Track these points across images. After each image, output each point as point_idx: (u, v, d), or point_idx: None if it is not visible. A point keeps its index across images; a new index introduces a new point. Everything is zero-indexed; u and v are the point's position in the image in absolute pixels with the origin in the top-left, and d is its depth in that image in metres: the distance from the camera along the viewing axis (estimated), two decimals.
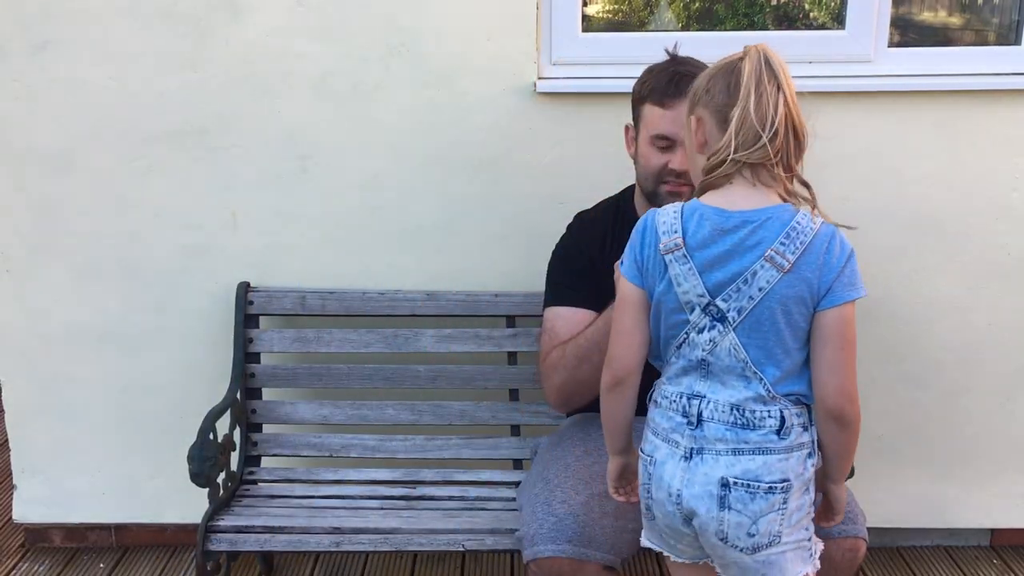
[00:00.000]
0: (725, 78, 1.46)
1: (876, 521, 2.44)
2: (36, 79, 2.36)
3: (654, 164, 1.91)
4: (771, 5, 3.01)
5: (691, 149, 1.57)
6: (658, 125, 1.89)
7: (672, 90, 1.87)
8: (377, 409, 2.44)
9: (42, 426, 2.59)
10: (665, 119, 1.88)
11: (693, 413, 1.48)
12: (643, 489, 1.57)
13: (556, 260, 2.11)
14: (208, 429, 2.14)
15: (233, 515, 2.17)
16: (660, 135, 1.89)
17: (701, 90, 1.51)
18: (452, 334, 2.42)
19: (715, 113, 1.47)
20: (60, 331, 2.52)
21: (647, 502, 1.57)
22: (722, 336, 1.46)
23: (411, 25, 2.32)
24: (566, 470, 1.93)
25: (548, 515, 1.82)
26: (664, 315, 1.51)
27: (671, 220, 1.48)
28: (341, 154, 2.41)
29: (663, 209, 1.52)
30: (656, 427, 1.54)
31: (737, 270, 1.43)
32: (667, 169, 1.90)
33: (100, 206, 2.44)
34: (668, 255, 1.46)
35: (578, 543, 1.78)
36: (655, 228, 1.50)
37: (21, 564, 2.67)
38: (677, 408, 1.51)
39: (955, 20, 2.97)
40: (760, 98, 1.41)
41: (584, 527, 1.79)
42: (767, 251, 1.41)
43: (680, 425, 1.50)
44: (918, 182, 2.41)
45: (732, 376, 1.47)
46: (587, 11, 2.61)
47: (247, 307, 2.43)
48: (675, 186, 1.91)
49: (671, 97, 1.87)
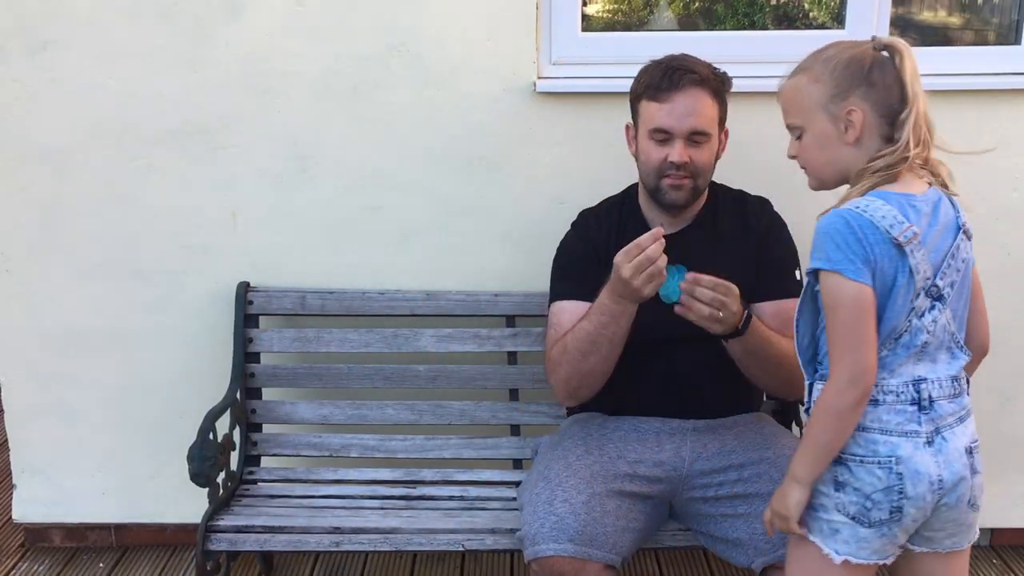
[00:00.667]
0: (884, 74, 1.49)
1: None
2: (36, 79, 2.36)
3: (654, 158, 1.94)
4: (771, 5, 3.01)
5: (830, 139, 1.54)
6: (655, 119, 1.92)
7: (666, 84, 1.90)
8: (377, 409, 2.44)
9: (42, 426, 2.59)
10: (662, 112, 1.91)
11: (925, 397, 1.51)
12: (885, 494, 1.50)
13: (561, 256, 2.12)
14: (208, 429, 2.14)
15: (233, 515, 2.17)
16: (657, 128, 1.92)
17: (853, 79, 1.50)
18: (452, 334, 2.42)
19: (880, 109, 1.50)
20: (60, 331, 2.52)
21: (898, 504, 1.50)
22: (940, 314, 1.51)
23: (411, 25, 2.33)
24: (567, 469, 1.93)
25: (549, 514, 1.82)
26: (898, 307, 1.49)
27: (890, 212, 1.46)
28: (341, 154, 2.41)
29: (866, 205, 1.47)
30: (885, 425, 1.50)
31: (946, 247, 1.51)
32: (667, 163, 1.92)
33: (100, 206, 2.45)
34: (908, 245, 1.46)
35: (579, 542, 1.77)
36: (872, 224, 1.45)
37: (21, 564, 2.67)
38: (906, 398, 1.51)
39: (955, 20, 2.97)
40: (921, 98, 1.48)
41: (585, 526, 1.79)
42: (961, 224, 1.53)
43: (914, 414, 1.50)
44: None
45: (942, 351, 1.54)
46: (587, 11, 2.62)
47: (247, 307, 2.43)
48: (676, 179, 1.94)
49: (665, 91, 1.90)
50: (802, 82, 1.56)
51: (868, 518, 1.51)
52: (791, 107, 1.59)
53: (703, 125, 1.93)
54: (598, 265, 1.98)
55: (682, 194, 1.97)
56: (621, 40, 2.45)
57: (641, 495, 1.95)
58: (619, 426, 2.05)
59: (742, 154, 2.37)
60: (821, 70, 1.53)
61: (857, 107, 1.50)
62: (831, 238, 1.47)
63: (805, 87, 1.55)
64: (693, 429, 2.01)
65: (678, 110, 1.91)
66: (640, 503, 1.94)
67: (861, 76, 1.50)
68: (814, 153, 1.58)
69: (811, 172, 1.62)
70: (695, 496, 1.96)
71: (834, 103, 1.52)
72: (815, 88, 1.54)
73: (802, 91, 1.56)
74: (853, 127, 1.51)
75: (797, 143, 1.61)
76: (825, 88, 1.52)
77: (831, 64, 1.52)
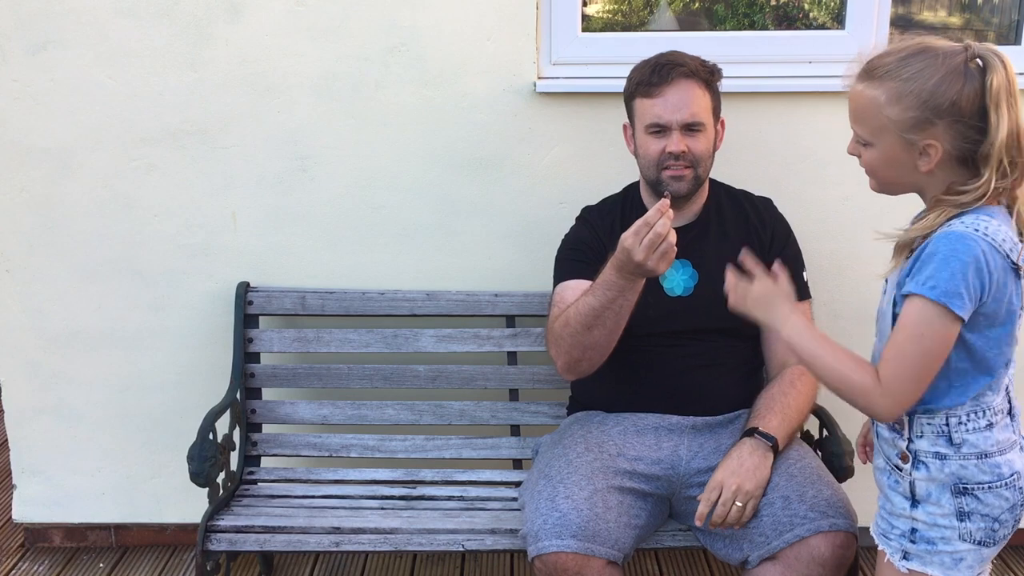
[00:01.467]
0: (972, 99, 1.36)
1: None
2: (36, 79, 2.36)
3: (652, 151, 1.98)
4: (771, 5, 3.01)
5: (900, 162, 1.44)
6: (649, 114, 1.97)
7: (656, 79, 1.95)
8: (377, 409, 2.44)
9: (42, 426, 2.59)
10: (655, 107, 1.96)
11: (1014, 405, 1.51)
12: (1011, 511, 1.48)
13: (566, 243, 2.16)
14: (208, 429, 2.14)
15: (233, 515, 2.17)
16: (652, 124, 1.96)
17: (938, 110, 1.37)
18: (452, 334, 2.42)
19: (962, 140, 1.38)
20: (60, 331, 2.52)
21: (1019, 515, 1.50)
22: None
23: (411, 25, 2.33)
24: (569, 466, 1.93)
25: (552, 510, 1.82)
26: (1015, 330, 1.46)
27: (1008, 234, 1.39)
28: (341, 154, 2.41)
29: (985, 227, 1.37)
30: (1001, 446, 1.47)
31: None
32: (665, 154, 1.96)
33: (100, 206, 2.45)
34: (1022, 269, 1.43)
35: (583, 538, 1.77)
36: (994, 248, 1.37)
37: (21, 564, 2.67)
38: (1005, 411, 1.50)
39: (955, 20, 2.97)
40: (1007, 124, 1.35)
41: (588, 522, 1.79)
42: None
43: (1009, 423, 1.50)
44: None
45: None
46: (587, 11, 2.62)
47: (247, 307, 2.43)
48: (676, 170, 1.98)
49: (656, 86, 1.95)
50: (879, 98, 1.40)
51: (994, 538, 1.49)
52: (860, 116, 1.45)
53: (696, 115, 1.96)
54: (603, 253, 1.99)
55: (683, 184, 2.00)
56: (621, 40, 2.45)
57: (641, 492, 1.95)
58: (618, 423, 2.05)
59: (743, 154, 2.38)
60: (903, 91, 1.38)
61: (937, 141, 1.38)
62: (948, 264, 1.35)
63: (882, 105, 1.40)
64: (692, 427, 2.02)
65: (671, 103, 1.95)
66: (640, 500, 1.95)
67: (948, 105, 1.36)
68: (879, 168, 1.48)
69: (874, 180, 1.52)
70: (693, 495, 1.97)
71: (913, 132, 1.39)
72: (893, 110, 1.39)
73: (875, 107, 1.41)
74: (928, 159, 1.40)
75: (860, 148, 1.48)
76: (905, 114, 1.38)
77: (916, 87, 1.37)
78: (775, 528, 1.80)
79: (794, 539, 1.77)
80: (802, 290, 2.07)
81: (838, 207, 2.43)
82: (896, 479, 1.54)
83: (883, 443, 1.57)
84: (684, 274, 2.05)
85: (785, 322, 1.53)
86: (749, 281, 1.58)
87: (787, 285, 1.57)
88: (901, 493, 1.53)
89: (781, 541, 1.79)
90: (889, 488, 1.56)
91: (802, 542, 1.77)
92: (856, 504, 1.89)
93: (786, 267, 2.02)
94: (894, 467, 1.54)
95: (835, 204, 2.43)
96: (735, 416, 2.05)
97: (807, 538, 1.77)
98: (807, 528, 1.78)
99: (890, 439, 1.54)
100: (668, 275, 2.03)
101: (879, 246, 2.43)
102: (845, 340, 2.43)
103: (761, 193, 2.20)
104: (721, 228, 2.09)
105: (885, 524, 1.56)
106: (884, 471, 1.57)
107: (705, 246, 2.06)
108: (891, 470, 1.55)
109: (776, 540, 1.79)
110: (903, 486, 1.52)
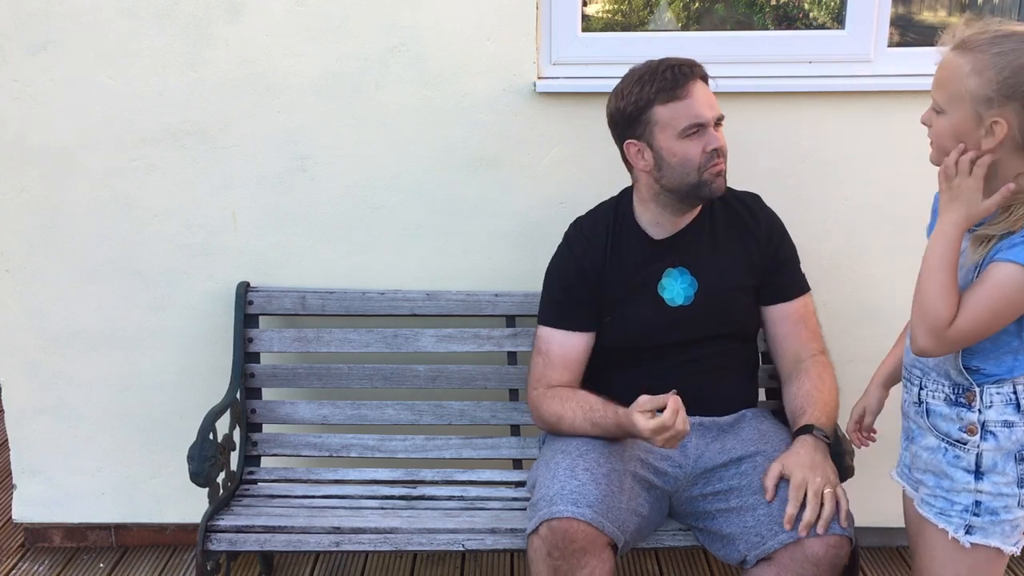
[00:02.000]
0: None
1: (876, 521, 2.45)
2: (36, 79, 2.36)
3: (695, 154, 1.93)
4: (771, 5, 3.01)
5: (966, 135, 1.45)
6: (685, 116, 1.91)
7: (681, 80, 1.91)
8: (377, 409, 2.44)
9: (42, 426, 2.59)
10: (691, 108, 1.91)
11: None
12: None
13: (553, 273, 2.12)
14: (208, 429, 2.14)
15: (233, 515, 2.17)
16: (692, 124, 1.91)
17: (1015, 90, 1.40)
18: (452, 334, 2.42)
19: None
20: (60, 331, 2.52)
21: None
22: None
23: (411, 25, 2.33)
24: (587, 443, 1.94)
25: (571, 479, 1.81)
26: None
27: None
28: (341, 154, 2.41)
29: None
30: None
31: None
32: (710, 152, 1.93)
33: (100, 206, 2.45)
34: None
35: (599, 511, 1.76)
36: None
37: (21, 564, 2.67)
38: None
39: (955, 20, 2.96)
40: None
41: (606, 496, 1.79)
42: None
43: None
44: (918, 182, 2.40)
45: None
46: (587, 11, 2.62)
47: (247, 307, 2.43)
48: (716, 166, 1.95)
49: (682, 87, 1.91)
50: (963, 67, 1.43)
51: None
52: (942, 83, 1.48)
53: (719, 109, 1.97)
54: (590, 287, 2.03)
55: (723, 180, 1.98)
56: (621, 40, 2.45)
57: (649, 484, 1.96)
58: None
59: (742, 154, 2.37)
60: (988, 64, 1.41)
61: (1005, 119, 1.41)
62: None
63: (964, 74, 1.43)
64: (699, 425, 2.02)
65: (702, 100, 1.93)
66: (646, 492, 1.95)
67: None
68: (946, 139, 1.49)
69: (938, 152, 1.52)
70: (694, 494, 1.97)
71: (985, 106, 1.42)
72: (973, 81, 1.42)
73: (958, 75, 1.44)
74: (992, 136, 1.43)
75: (933, 116, 1.51)
76: (983, 86, 1.41)
77: (1001, 63, 1.40)
78: (771, 528, 1.80)
79: (788, 539, 1.77)
80: (801, 283, 2.12)
81: (838, 207, 2.43)
82: (956, 454, 1.55)
83: (939, 420, 1.58)
84: (683, 283, 2.04)
85: (953, 226, 1.49)
86: None
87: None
88: (963, 468, 1.54)
89: (776, 542, 1.79)
90: (948, 465, 1.56)
91: (797, 543, 1.77)
92: (856, 503, 1.89)
93: (787, 263, 2.04)
94: (954, 442, 1.55)
95: (835, 204, 2.43)
96: (740, 416, 2.06)
97: (802, 539, 1.77)
98: None
99: (952, 414, 1.55)
100: (667, 285, 2.03)
101: (879, 246, 2.44)
102: (845, 340, 2.45)
103: (761, 194, 2.20)
104: (714, 231, 2.08)
105: (943, 502, 1.58)
106: (937, 450, 1.58)
107: (701, 251, 2.06)
108: (948, 446, 1.56)
109: (771, 540, 1.79)
110: (966, 460, 1.54)
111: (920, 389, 1.62)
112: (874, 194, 2.42)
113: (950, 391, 1.57)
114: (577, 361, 2.07)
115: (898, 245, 2.44)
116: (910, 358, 1.66)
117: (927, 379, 1.61)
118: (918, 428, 1.64)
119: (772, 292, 2.09)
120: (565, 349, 2.04)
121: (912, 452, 1.67)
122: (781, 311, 2.08)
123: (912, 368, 1.65)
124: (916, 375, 1.64)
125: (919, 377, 1.63)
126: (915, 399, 1.64)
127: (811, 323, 2.10)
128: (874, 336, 2.47)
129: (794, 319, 2.08)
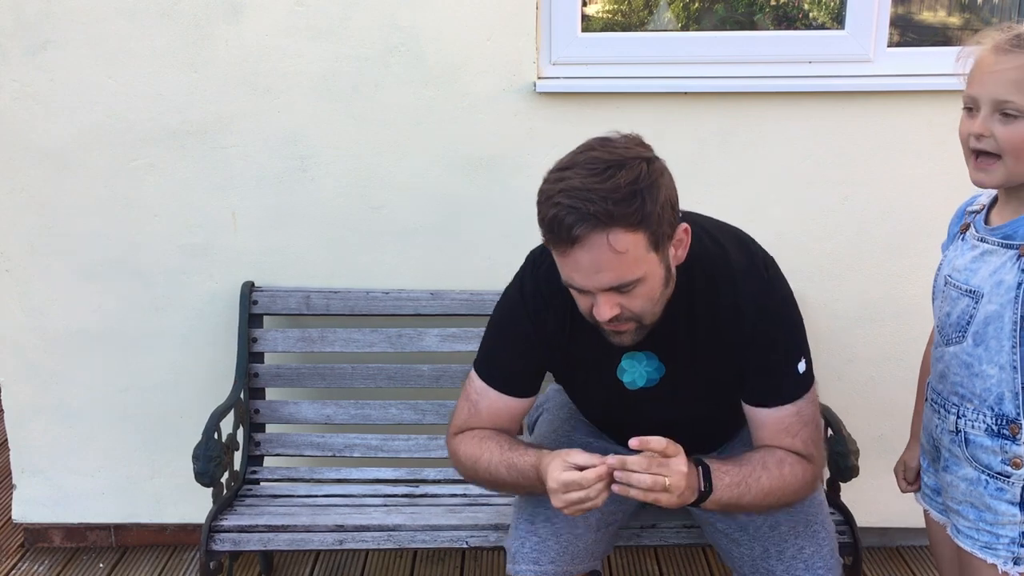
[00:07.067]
0: None
1: (876, 521, 2.46)
2: (36, 79, 2.36)
3: (582, 306, 1.59)
4: (771, 5, 3.01)
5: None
6: (563, 273, 1.55)
7: (559, 238, 1.48)
8: (380, 409, 2.44)
9: (42, 426, 2.59)
10: (566, 269, 1.53)
11: None
12: None
13: (500, 320, 1.81)
14: (213, 429, 2.14)
15: (236, 515, 2.17)
16: (569, 285, 1.56)
17: None
18: (456, 333, 2.42)
19: None
20: (60, 331, 2.52)
21: None
22: None
23: (411, 25, 2.32)
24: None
25: (530, 534, 1.75)
26: None
27: None
28: (341, 154, 2.41)
29: None
30: None
31: None
32: (593, 316, 1.57)
33: (100, 206, 2.44)
34: None
35: (560, 562, 1.73)
36: None
37: (21, 564, 2.67)
38: None
39: (955, 20, 2.98)
40: None
41: (568, 545, 1.74)
42: None
43: None
44: (918, 182, 2.42)
45: None
46: (587, 11, 2.62)
47: (251, 307, 2.43)
48: (613, 327, 1.58)
49: (562, 244, 1.49)
50: None
51: None
52: (1020, 87, 1.38)
53: (621, 276, 1.48)
54: (539, 360, 1.76)
55: (627, 337, 1.60)
56: (621, 40, 2.45)
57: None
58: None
59: (742, 155, 2.38)
60: None
61: None
62: None
63: None
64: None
65: (583, 267, 1.48)
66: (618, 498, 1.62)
67: None
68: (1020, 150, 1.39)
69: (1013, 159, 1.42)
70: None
71: None
72: None
73: None
74: None
75: (998, 122, 1.41)
76: None
77: None
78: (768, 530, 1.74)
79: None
80: (795, 387, 1.68)
81: (838, 207, 2.44)
82: (999, 487, 1.50)
83: (979, 451, 1.52)
84: (649, 366, 1.73)
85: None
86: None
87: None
88: (1008, 500, 1.49)
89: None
90: (991, 498, 1.51)
91: None
92: (861, 503, 1.90)
93: (773, 370, 1.66)
94: (996, 475, 1.50)
95: (835, 204, 2.44)
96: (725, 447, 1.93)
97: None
98: None
99: (994, 446, 1.50)
100: (627, 367, 1.73)
101: (878, 246, 2.45)
102: (844, 340, 2.47)
103: (761, 197, 2.18)
104: (694, 319, 1.67)
105: (988, 536, 1.52)
106: (977, 482, 1.52)
107: (675, 344, 1.69)
108: (989, 478, 1.51)
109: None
110: (1010, 493, 1.49)
111: (958, 418, 1.55)
112: (874, 194, 2.42)
113: (992, 422, 1.50)
114: (510, 420, 1.80)
115: (898, 245, 2.45)
116: (945, 386, 1.58)
117: (964, 408, 1.54)
118: (953, 457, 1.58)
119: (751, 394, 1.71)
120: (494, 410, 1.77)
121: (946, 481, 1.60)
122: (759, 415, 1.70)
123: (949, 396, 1.57)
124: (953, 403, 1.56)
125: (956, 406, 1.55)
126: (952, 427, 1.56)
127: (802, 433, 1.68)
128: (874, 336, 2.48)
129: (774, 428, 1.69)
